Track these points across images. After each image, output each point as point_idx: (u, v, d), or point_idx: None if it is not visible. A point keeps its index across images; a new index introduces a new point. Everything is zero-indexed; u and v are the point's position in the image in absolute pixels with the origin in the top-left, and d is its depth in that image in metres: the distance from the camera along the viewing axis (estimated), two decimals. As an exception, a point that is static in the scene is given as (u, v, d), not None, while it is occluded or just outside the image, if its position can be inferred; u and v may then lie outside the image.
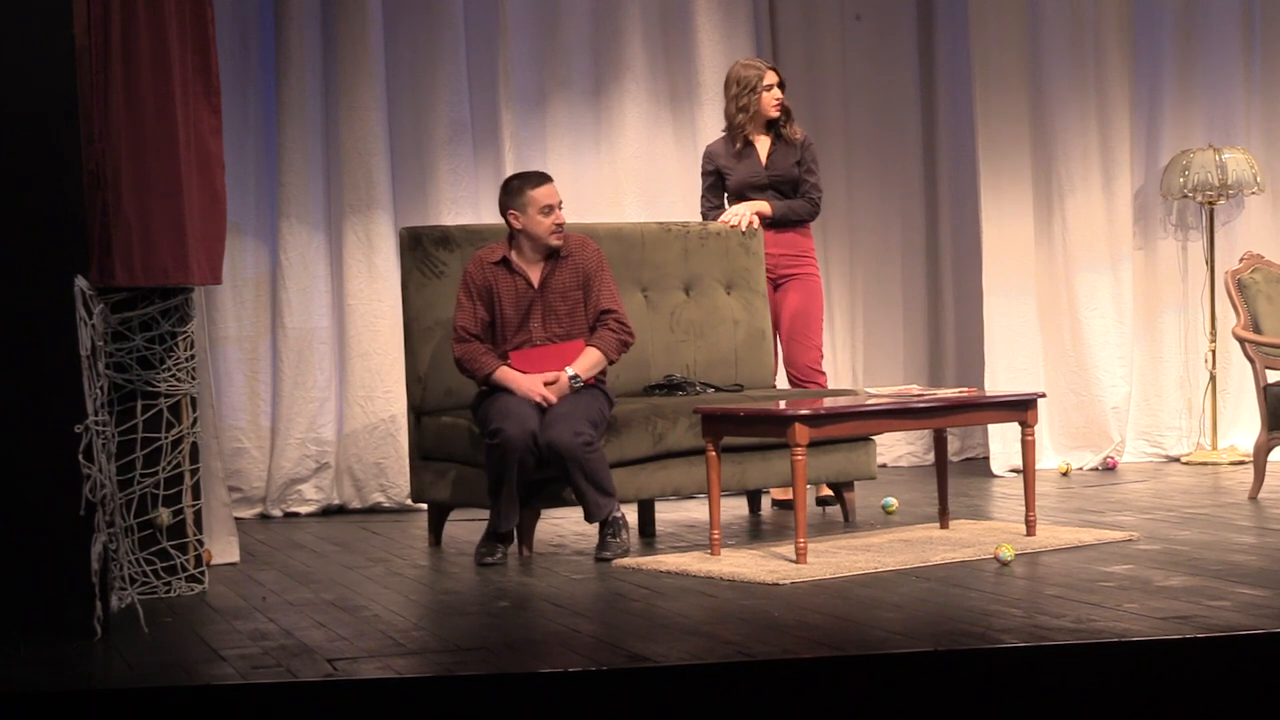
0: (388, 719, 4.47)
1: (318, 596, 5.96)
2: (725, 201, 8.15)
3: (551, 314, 6.85)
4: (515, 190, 6.84)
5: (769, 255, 7.97)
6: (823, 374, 8.02)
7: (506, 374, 6.74)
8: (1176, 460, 9.57)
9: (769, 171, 8.02)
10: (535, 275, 6.85)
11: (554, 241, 6.84)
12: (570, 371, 6.74)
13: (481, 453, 6.75)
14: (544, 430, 6.59)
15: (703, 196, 8.20)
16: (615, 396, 6.98)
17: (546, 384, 6.70)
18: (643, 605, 5.62)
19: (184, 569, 6.06)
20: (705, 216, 8.14)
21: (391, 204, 8.60)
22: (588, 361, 6.80)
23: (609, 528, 6.65)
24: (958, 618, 5.14)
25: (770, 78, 8.03)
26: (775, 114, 8.03)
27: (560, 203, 6.86)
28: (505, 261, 6.86)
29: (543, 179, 6.87)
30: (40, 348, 5.15)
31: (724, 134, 8.18)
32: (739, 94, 8.02)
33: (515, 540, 6.75)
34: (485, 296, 6.83)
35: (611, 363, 6.91)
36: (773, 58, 9.52)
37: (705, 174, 8.18)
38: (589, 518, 6.70)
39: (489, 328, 6.84)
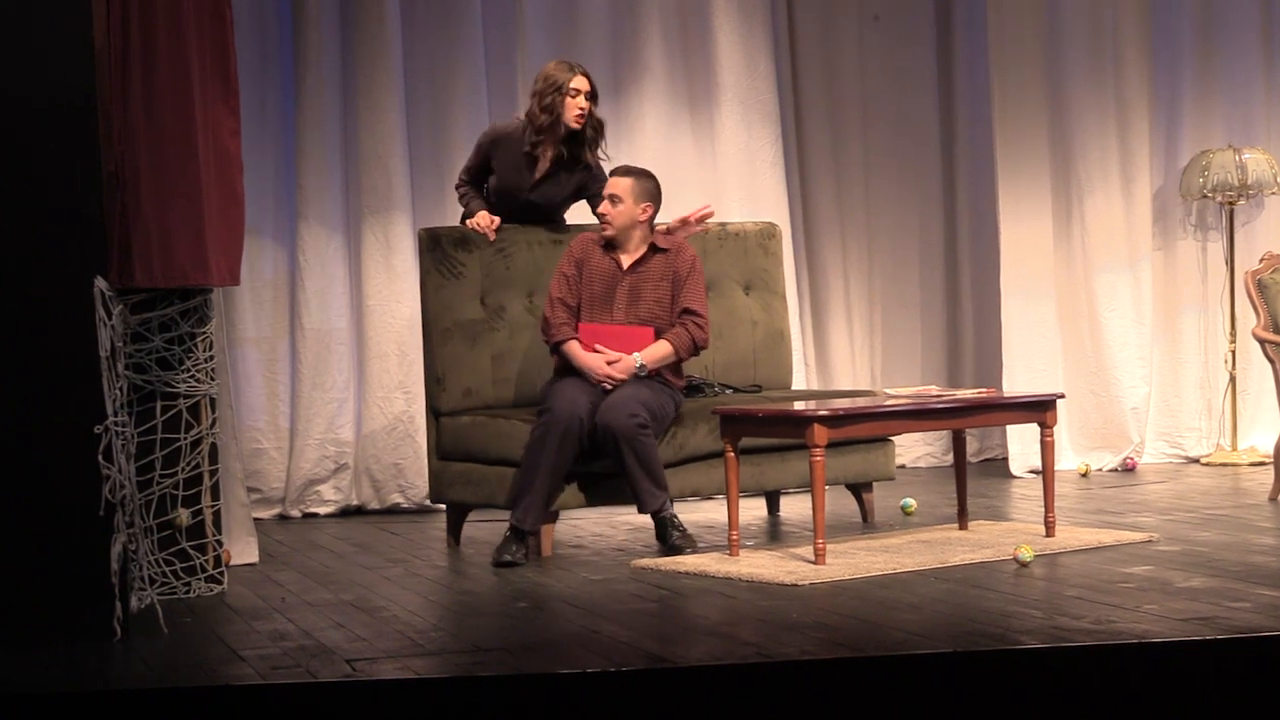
0: (406, 719, 4.47)
1: (336, 597, 5.96)
2: (484, 193, 7.52)
3: (637, 298, 6.95)
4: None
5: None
6: None
7: (574, 349, 6.86)
8: (1196, 461, 9.54)
9: (532, 194, 7.38)
10: (627, 261, 7.00)
11: (602, 231, 7.02)
12: (638, 360, 6.79)
13: (502, 449, 6.78)
14: (601, 415, 6.64)
15: (466, 169, 7.53)
16: (682, 404, 7.02)
17: (609, 362, 6.77)
18: (661, 606, 5.61)
19: (203, 569, 6.07)
20: (457, 189, 7.56)
21: (410, 205, 8.61)
22: (656, 353, 6.87)
23: (673, 525, 6.71)
24: (977, 619, 5.13)
25: (579, 82, 7.25)
26: (577, 125, 7.26)
27: (612, 195, 6.99)
28: (607, 243, 7.03)
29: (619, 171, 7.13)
30: (60, 349, 5.16)
31: (522, 125, 7.39)
32: (544, 90, 7.25)
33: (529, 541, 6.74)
34: (579, 268, 7.00)
35: (680, 360, 6.97)
36: (790, 59, 9.53)
37: (480, 147, 7.45)
38: (642, 508, 6.73)
39: (576, 303, 6.98)
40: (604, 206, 7.01)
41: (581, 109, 7.24)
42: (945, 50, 9.81)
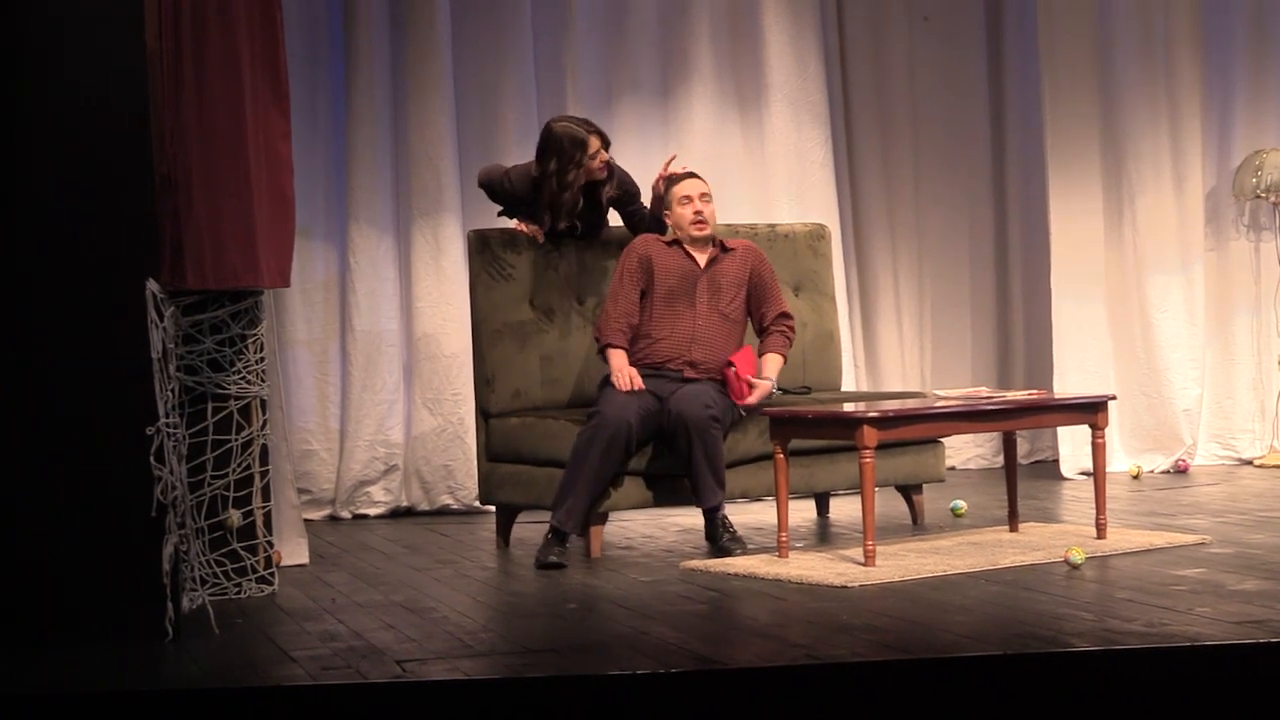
0: (456, 720, 4.49)
1: (386, 598, 5.98)
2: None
3: (718, 292, 7.03)
4: (664, 191, 7.13)
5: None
6: None
7: (613, 353, 6.92)
8: (1249, 463, 9.48)
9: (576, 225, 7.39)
10: (702, 258, 7.07)
11: (695, 231, 7.02)
12: (776, 389, 6.98)
13: (551, 451, 6.78)
14: (674, 403, 6.72)
15: (506, 179, 7.35)
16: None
17: (751, 388, 6.88)
18: (711, 608, 5.61)
19: (254, 570, 6.09)
20: (500, 184, 7.37)
21: (460, 207, 8.63)
22: (777, 368, 7.03)
23: (724, 526, 6.74)
24: (1027, 621, 5.11)
25: (593, 145, 7.10)
26: (601, 176, 7.21)
27: (704, 194, 7.04)
28: (675, 243, 7.08)
29: (686, 175, 7.14)
30: (112, 351, 5.19)
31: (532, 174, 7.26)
32: (561, 169, 7.11)
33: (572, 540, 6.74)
34: (645, 267, 7.02)
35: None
36: (840, 59, 9.52)
37: (517, 180, 7.31)
38: (699, 502, 6.77)
39: (642, 304, 7.01)
40: (698, 205, 6.99)
41: (604, 161, 7.19)
42: (995, 50, 9.78)
